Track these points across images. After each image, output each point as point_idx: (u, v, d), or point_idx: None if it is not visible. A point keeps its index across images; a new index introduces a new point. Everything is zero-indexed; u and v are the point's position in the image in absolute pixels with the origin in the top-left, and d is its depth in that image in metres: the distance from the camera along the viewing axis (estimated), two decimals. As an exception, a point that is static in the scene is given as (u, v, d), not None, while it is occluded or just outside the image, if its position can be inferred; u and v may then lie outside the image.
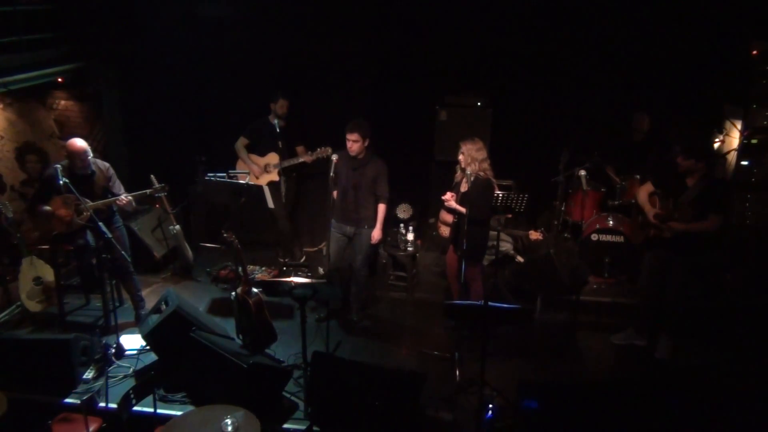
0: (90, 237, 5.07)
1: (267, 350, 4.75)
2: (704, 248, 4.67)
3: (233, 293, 4.76)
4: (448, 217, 5.04)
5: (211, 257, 6.66)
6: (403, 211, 6.22)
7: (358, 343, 5.18)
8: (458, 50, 6.50)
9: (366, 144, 5.05)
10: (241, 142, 6.32)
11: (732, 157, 6.08)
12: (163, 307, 4.62)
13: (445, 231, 5.21)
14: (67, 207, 4.87)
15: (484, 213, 4.87)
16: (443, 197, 4.87)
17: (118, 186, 5.13)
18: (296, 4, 6.50)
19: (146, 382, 3.76)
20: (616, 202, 5.98)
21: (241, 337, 4.79)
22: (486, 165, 4.80)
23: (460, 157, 4.78)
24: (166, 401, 4.20)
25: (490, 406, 4.07)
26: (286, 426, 4.07)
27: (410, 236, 5.95)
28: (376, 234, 5.23)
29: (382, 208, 5.23)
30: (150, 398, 3.74)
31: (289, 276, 4.63)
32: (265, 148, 6.25)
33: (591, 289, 5.83)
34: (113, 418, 3.71)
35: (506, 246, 6.09)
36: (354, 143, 5.01)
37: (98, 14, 6.56)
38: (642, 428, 3.81)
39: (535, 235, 6.19)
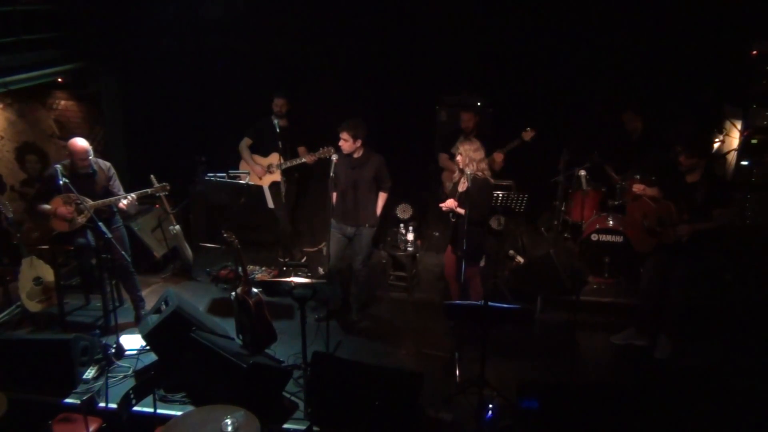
0: (90, 237, 5.07)
1: (267, 350, 4.75)
2: (707, 248, 4.68)
3: (233, 293, 4.76)
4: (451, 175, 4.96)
5: (211, 257, 6.66)
6: (403, 211, 6.22)
7: (358, 343, 5.18)
8: (458, 50, 6.50)
9: (358, 144, 5.07)
10: (245, 143, 6.33)
11: (732, 157, 6.08)
12: (163, 307, 4.62)
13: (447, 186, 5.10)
14: (67, 206, 4.88)
15: (483, 213, 4.88)
16: (441, 205, 4.88)
17: (117, 186, 5.14)
18: (296, 4, 6.51)
19: (146, 382, 3.76)
20: (616, 202, 5.98)
21: (241, 337, 4.79)
22: (484, 165, 4.80)
23: (458, 157, 4.78)
24: (166, 401, 4.20)
25: (490, 406, 4.06)
26: (286, 426, 4.07)
27: (410, 236, 5.96)
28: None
29: (383, 195, 5.32)
30: (150, 398, 3.74)
31: (289, 276, 4.64)
32: (267, 149, 6.25)
33: (591, 289, 5.83)
34: (113, 418, 3.72)
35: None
36: (344, 142, 5.05)
37: (98, 14, 6.57)
38: (642, 428, 3.81)
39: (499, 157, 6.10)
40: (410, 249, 5.95)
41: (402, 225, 6.04)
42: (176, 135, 6.92)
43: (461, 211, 4.66)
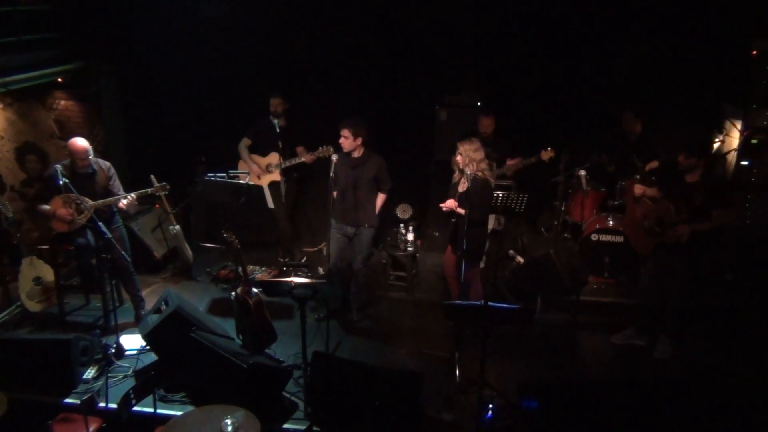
0: (90, 237, 5.07)
1: (267, 350, 4.75)
2: (707, 248, 4.68)
3: (233, 293, 4.76)
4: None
5: (211, 257, 6.66)
6: (403, 211, 6.22)
7: (358, 343, 5.17)
8: (458, 50, 6.50)
9: (358, 142, 5.07)
10: (244, 143, 6.32)
11: (732, 157, 6.08)
12: (163, 307, 4.63)
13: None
14: (67, 207, 4.88)
15: (484, 213, 4.88)
16: (441, 205, 4.87)
17: (117, 186, 5.14)
18: (296, 4, 6.51)
19: (146, 382, 3.76)
20: (616, 202, 5.98)
21: (241, 337, 4.79)
22: (484, 165, 4.79)
23: (458, 157, 4.77)
24: (166, 401, 4.20)
25: (490, 406, 4.07)
26: (286, 426, 4.07)
27: (410, 236, 5.96)
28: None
29: (382, 197, 5.31)
30: (150, 398, 3.74)
31: (289, 276, 4.63)
32: (266, 149, 6.25)
33: (591, 289, 5.83)
34: (113, 418, 3.71)
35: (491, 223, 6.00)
36: (345, 139, 5.05)
37: (98, 14, 6.57)
38: (642, 428, 3.81)
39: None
40: (410, 249, 5.95)
41: (402, 225, 6.04)
42: (176, 135, 6.92)
43: (461, 211, 4.65)
